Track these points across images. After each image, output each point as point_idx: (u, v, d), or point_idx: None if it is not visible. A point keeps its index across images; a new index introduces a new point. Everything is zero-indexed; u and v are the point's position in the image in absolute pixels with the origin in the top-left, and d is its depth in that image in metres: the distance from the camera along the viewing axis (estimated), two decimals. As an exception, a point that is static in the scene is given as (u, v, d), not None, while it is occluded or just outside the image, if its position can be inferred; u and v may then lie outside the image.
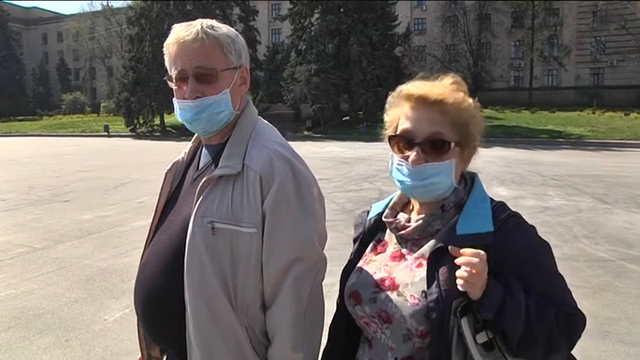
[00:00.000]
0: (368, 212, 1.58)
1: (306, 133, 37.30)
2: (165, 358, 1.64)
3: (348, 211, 9.30)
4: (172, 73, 1.46)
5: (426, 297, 1.24)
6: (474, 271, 1.16)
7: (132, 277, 1.64)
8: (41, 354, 4.03)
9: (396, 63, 40.30)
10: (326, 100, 38.15)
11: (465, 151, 1.34)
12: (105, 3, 76.34)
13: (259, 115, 1.61)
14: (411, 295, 1.27)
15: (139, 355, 1.71)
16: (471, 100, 1.33)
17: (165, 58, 1.49)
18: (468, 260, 1.17)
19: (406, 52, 48.19)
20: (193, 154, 1.65)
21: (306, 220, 1.42)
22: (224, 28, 1.48)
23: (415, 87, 1.32)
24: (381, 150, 23.87)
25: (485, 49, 54.70)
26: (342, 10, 37.86)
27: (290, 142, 1.55)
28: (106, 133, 42.64)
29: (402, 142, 1.32)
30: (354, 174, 15.05)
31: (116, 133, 42.71)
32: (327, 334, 1.56)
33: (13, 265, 6.36)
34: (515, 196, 10.88)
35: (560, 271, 1.33)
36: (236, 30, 1.55)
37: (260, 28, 51.17)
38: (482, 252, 1.18)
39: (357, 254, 1.50)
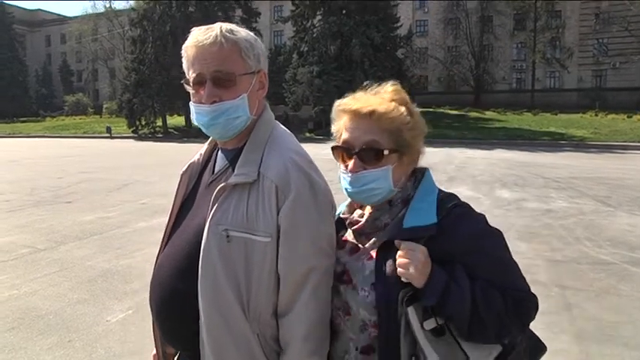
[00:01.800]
0: None
1: (307, 134, 37.32)
2: (178, 354, 1.64)
3: (350, 213, 9.29)
4: (190, 76, 1.45)
5: (374, 289, 1.33)
6: (411, 261, 1.25)
7: (134, 279, 1.66)
8: (44, 355, 4.03)
9: (398, 65, 40.29)
10: (328, 102, 37.72)
11: (404, 157, 1.41)
12: (107, 5, 76.45)
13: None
14: (361, 288, 1.37)
15: (154, 352, 1.72)
16: (403, 109, 1.40)
17: (184, 61, 1.47)
18: (407, 252, 1.27)
19: (408, 54, 48.21)
20: (209, 156, 1.64)
21: (321, 230, 1.42)
22: (243, 32, 1.47)
23: (350, 101, 1.43)
24: (383, 152, 23.80)
25: (487, 51, 54.74)
26: (344, 11, 37.88)
27: None
28: (109, 135, 42.69)
29: (343, 152, 1.43)
30: (356, 176, 15.02)
31: (118, 135, 42.76)
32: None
33: (16, 265, 6.37)
34: (517, 199, 10.86)
35: (512, 258, 1.38)
36: None
37: (262, 29, 51.22)
38: (421, 246, 1.27)
39: None
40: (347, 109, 1.42)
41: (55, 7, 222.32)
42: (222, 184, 1.42)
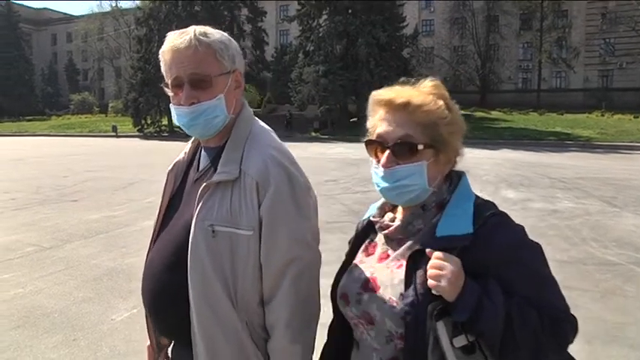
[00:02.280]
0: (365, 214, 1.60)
1: (313, 134, 37.33)
2: (172, 345, 1.73)
3: (355, 213, 9.28)
4: (168, 79, 1.51)
5: (403, 299, 1.25)
6: (443, 273, 1.17)
7: (139, 278, 1.68)
8: (49, 353, 4.05)
9: (404, 64, 40.20)
10: (334, 102, 38.14)
11: (440, 154, 1.33)
12: (114, 4, 76.74)
13: (267, 115, 1.63)
14: (389, 298, 1.29)
15: (148, 343, 1.81)
16: (441, 102, 1.33)
17: (162, 65, 1.53)
18: (439, 263, 1.19)
19: (414, 53, 48.10)
20: (193, 154, 1.71)
21: (301, 222, 1.49)
22: (217, 34, 1.53)
23: (385, 92, 1.36)
24: (388, 151, 23.79)
25: (493, 50, 54.57)
26: (350, 11, 37.84)
27: (297, 143, 1.57)
28: (114, 134, 42.84)
29: (377, 146, 1.36)
30: (362, 175, 15.01)
31: (124, 134, 42.89)
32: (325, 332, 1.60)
33: (21, 264, 6.40)
34: (523, 199, 10.83)
35: (552, 274, 1.29)
36: (244, 31, 1.59)
37: (268, 29, 51.29)
38: (454, 257, 1.19)
39: (350, 255, 1.52)
40: (381, 100, 1.35)
41: (61, 6, 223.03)
42: (207, 183, 1.49)
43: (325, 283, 1.57)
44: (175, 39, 1.48)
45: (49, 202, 10.96)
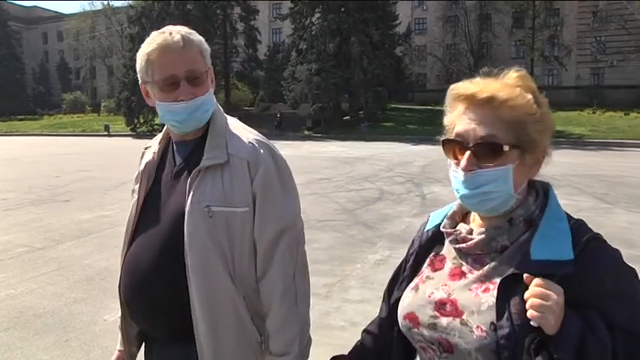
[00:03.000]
0: (426, 224, 1.43)
1: (306, 132, 37.28)
2: (144, 349, 1.76)
3: (348, 211, 9.28)
4: (157, 78, 1.57)
5: (495, 330, 1.09)
6: (548, 304, 1.01)
7: (132, 278, 1.66)
8: (40, 354, 4.02)
9: (397, 62, 40.35)
10: (327, 100, 38.16)
11: (526, 155, 1.16)
12: (105, 2, 76.07)
13: (260, 114, 1.69)
14: (477, 327, 1.12)
15: (119, 347, 1.82)
16: (530, 96, 1.16)
17: (144, 64, 1.59)
18: (543, 292, 1.03)
19: (407, 51, 48.22)
20: (162, 154, 1.75)
21: (289, 196, 1.63)
22: (197, 34, 1.63)
23: (466, 85, 1.21)
24: (381, 149, 23.94)
25: (485, 48, 54.75)
26: (342, 9, 37.84)
27: (290, 142, 1.62)
28: (107, 133, 42.66)
29: (457, 146, 1.20)
30: (355, 174, 15.03)
31: (116, 133, 42.73)
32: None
33: (12, 264, 6.35)
34: (515, 196, 10.86)
35: None
36: (237, 29, 1.65)
37: (261, 27, 51.18)
38: (557, 286, 1.04)
39: (413, 269, 1.36)
40: (462, 95, 1.20)
41: (51, 4, 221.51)
42: (197, 168, 1.56)
43: (318, 281, 1.57)
44: (165, 38, 1.55)
45: (41, 202, 10.89)
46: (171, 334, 1.62)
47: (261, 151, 1.59)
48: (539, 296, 1.02)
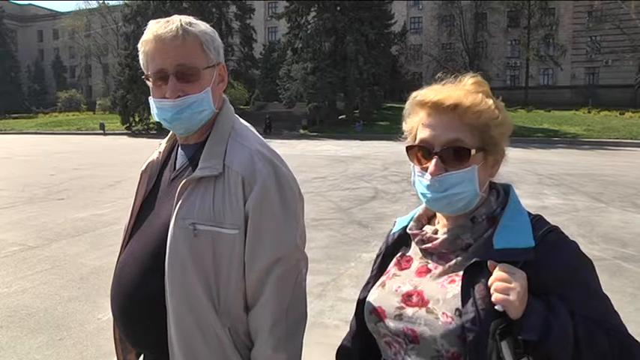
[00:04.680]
0: (392, 228, 1.48)
1: (302, 131, 37.25)
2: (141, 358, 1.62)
3: (343, 210, 9.29)
4: (150, 71, 1.43)
5: (460, 316, 1.13)
6: (512, 286, 1.06)
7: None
8: (33, 353, 4.00)
9: (393, 61, 40.43)
10: (322, 99, 38.14)
11: (489, 157, 1.24)
12: (101, 1, 75.93)
13: (255, 112, 1.59)
14: (443, 314, 1.16)
15: (114, 359, 1.69)
16: (491, 101, 1.23)
17: (141, 55, 1.45)
18: (506, 276, 1.08)
19: (402, 50, 48.31)
20: (168, 154, 1.62)
21: (288, 221, 1.41)
22: (202, 25, 1.46)
23: (429, 92, 1.24)
24: (376, 149, 23.96)
25: (481, 47, 54.95)
26: (338, 8, 37.85)
27: (285, 141, 1.55)
28: (102, 131, 42.50)
29: (421, 152, 1.24)
30: (350, 172, 15.03)
31: (112, 131, 42.58)
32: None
33: (6, 263, 6.32)
34: (510, 195, 10.88)
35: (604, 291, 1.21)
36: (232, 28, 1.53)
37: (256, 26, 51.11)
38: (520, 270, 1.10)
39: (380, 269, 1.40)
40: (426, 102, 1.22)
41: (47, 3, 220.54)
42: (187, 179, 1.40)
43: (312, 280, 1.53)
44: (159, 28, 1.40)
45: (36, 200, 10.84)
46: (151, 354, 1.52)
47: (260, 165, 1.39)
48: (502, 280, 1.08)
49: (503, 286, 1.07)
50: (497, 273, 1.10)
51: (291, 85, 38.84)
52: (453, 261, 1.23)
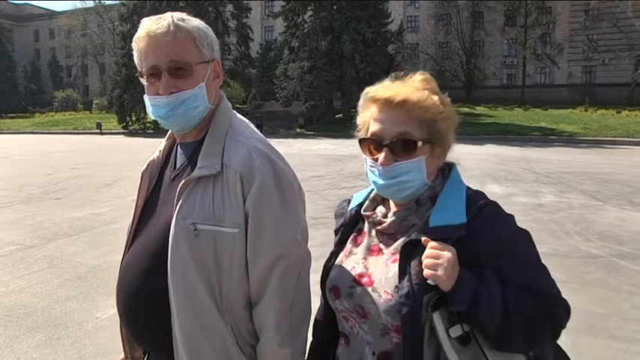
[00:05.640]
0: (349, 202, 1.58)
1: (298, 130, 37.23)
2: (146, 358, 1.62)
3: (341, 209, 9.29)
4: (143, 68, 1.43)
5: (398, 292, 1.24)
6: (439, 261, 1.16)
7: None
8: (31, 352, 4.00)
9: (389, 60, 40.32)
10: (319, 98, 38.11)
11: (435, 148, 1.33)
12: (97, 0, 75.66)
13: (253, 111, 1.58)
14: (384, 291, 1.27)
15: (122, 356, 1.70)
16: (436, 98, 1.32)
17: (135, 53, 1.45)
18: (435, 252, 1.18)
19: (399, 49, 48.19)
20: (168, 153, 1.62)
21: (289, 217, 1.42)
22: (195, 21, 1.46)
23: (380, 89, 1.33)
24: (374, 147, 23.84)
25: (478, 46, 54.96)
26: (335, 7, 37.81)
27: (282, 140, 1.55)
28: (99, 131, 42.40)
29: (372, 144, 1.33)
30: (347, 171, 15.03)
31: (108, 131, 42.47)
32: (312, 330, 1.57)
33: (3, 262, 6.32)
34: (508, 194, 10.91)
35: (542, 261, 1.30)
36: (229, 27, 1.52)
37: (253, 25, 51.04)
38: (449, 246, 1.19)
39: (339, 246, 1.50)
40: (377, 98, 1.32)
41: (43, 2, 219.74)
42: (187, 179, 1.40)
43: (311, 278, 1.54)
44: (151, 25, 1.40)
45: (33, 200, 10.82)
46: (156, 352, 1.53)
47: (258, 162, 1.38)
48: (431, 257, 1.18)
49: (432, 262, 1.17)
50: (428, 250, 1.19)
51: (287, 84, 38.78)
52: (399, 241, 1.33)
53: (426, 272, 1.17)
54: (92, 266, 6.10)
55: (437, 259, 1.17)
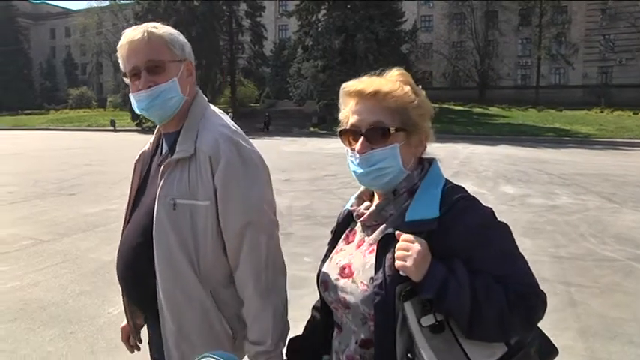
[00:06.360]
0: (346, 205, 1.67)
1: (312, 129, 37.27)
2: (146, 324, 1.90)
3: (353, 208, 9.26)
4: (126, 70, 1.68)
5: (372, 282, 1.31)
6: (409, 253, 1.22)
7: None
8: (46, 345, 4.04)
9: (403, 60, 40.09)
10: (332, 97, 38.03)
11: (411, 137, 1.39)
12: (112, -2, 76.17)
13: (262, 109, 1.70)
14: (361, 282, 1.35)
15: (124, 323, 1.99)
16: (408, 87, 1.39)
17: (119, 59, 1.70)
18: (405, 244, 1.24)
19: (413, 49, 48.09)
20: (157, 144, 1.87)
21: (253, 188, 1.64)
22: (167, 28, 1.72)
23: (355, 83, 1.42)
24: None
25: (492, 46, 54.53)
26: (349, 6, 37.76)
27: (296, 139, 1.63)
28: (112, 128, 42.76)
29: (351, 135, 1.41)
30: (360, 170, 14.99)
31: (122, 128, 42.83)
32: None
33: (18, 257, 6.38)
34: (522, 195, 10.82)
35: (519, 252, 1.33)
36: (243, 26, 1.67)
37: (267, 24, 51.13)
38: (420, 239, 1.24)
39: (332, 244, 1.59)
40: (352, 91, 1.41)
41: (60, 1, 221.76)
42: (167, 162, 1.66)
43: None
44: (130, 34, 1.66)
45: (47, 195, 10.93)
46: (150, 313, 1.75)
47: (223, 145, 1.62)
48: (402, 249, 1.24)
49: (402, 253, 1.24)
50: (400, 243, 1.26)
51: (301, 82, 38.84)
52: (376, 232, 1.40)
53: (397, 263, 1.24)
54: (105, 262, 6.13)
55: (407, 250, 1.23)
